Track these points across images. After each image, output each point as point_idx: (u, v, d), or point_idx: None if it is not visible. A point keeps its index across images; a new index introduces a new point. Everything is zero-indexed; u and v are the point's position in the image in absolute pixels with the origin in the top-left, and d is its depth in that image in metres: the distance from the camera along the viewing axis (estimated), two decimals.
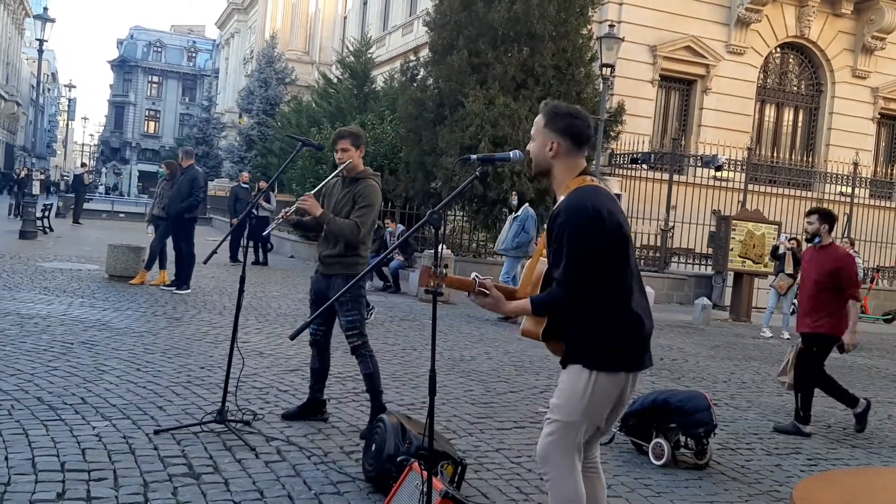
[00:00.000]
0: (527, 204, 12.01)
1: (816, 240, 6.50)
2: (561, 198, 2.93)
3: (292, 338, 3.24)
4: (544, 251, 3.04)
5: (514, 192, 12.41)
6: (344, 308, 4.98)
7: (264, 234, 9.02)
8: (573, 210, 2.81)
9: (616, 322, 2.87)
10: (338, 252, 5.04)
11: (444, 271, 2.90)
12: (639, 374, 3.00)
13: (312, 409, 5.29)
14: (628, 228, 2.93)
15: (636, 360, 2.94)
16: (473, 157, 3.16)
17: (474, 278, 2.93)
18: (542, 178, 3.04)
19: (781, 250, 13.17)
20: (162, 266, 11.77)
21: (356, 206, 5.00)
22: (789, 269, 12.90)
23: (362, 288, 5.13)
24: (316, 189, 5.19)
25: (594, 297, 2.84)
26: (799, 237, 13.81)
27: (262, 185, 18.28)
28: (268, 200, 16.78)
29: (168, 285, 11.44)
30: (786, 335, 12.75)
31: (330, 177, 5.25)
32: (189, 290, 11.21)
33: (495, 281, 3.02)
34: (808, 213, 6.63)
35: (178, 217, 11.21)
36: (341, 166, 5.04)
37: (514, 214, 11.99)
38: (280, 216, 5.00)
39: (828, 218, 6.54)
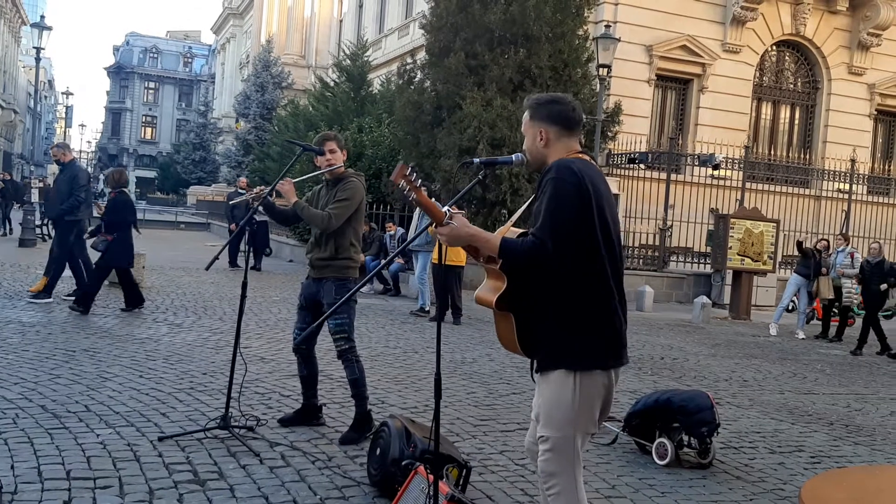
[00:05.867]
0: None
1: None
2: None
3: (299, 344, 3.22)
4: (514, 219, 3.03)
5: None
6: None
7: (231, 203, 8.99)
8: (561, 169, 2.77)
9: (591, 311, 2.79)
10: (328, 255, 5.01)
11: (420, 183, 2.81)
12: (620, 370, 2.92)
13: (308, 415, 5.29)
14: (613, 213, 2.86)
15: (617, 355, 2.86)
16: (476, 160, 3.15)
17: (447, 210, 2.84)
18: (540, 171, 3.00)
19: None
20: (47, 273, 10.27)
21: (334, 199, 4.99)
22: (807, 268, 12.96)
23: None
24: (298, 179, 5.20)
25: (566, 280, 2.76)
26: (827, 239, 13.94)
27: (242, 182, 18.10)
28: None
29: (68, 295, 10.20)
30: (800, 335, 12.76)
31: (313, 174, 5.25)
32: (50, 300, 9.87)
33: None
34: None
35: (59, 220, 10.21)
36: (328, 168, 5.03)
37: None
38: (255, 191, 5.00)
39: None
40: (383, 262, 12.27)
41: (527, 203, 3.01)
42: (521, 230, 2.91)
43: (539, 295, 2.82)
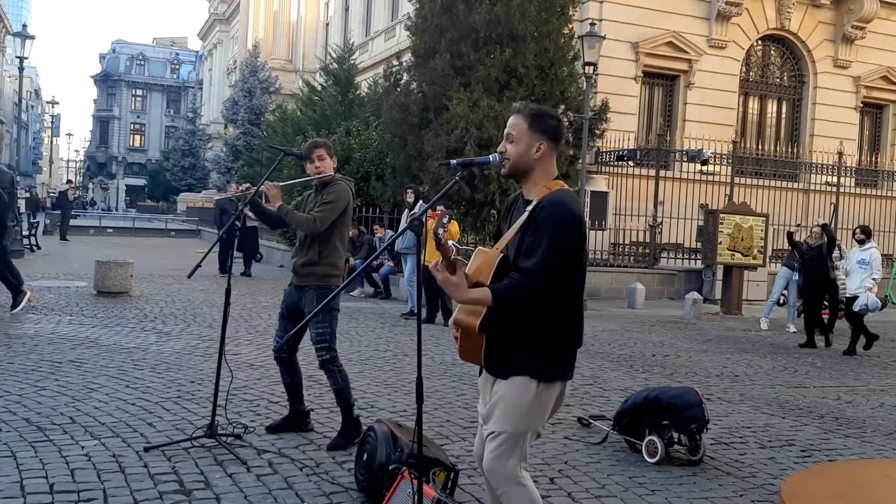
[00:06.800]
0: (421, 201, 11.86)
1: None
2: (534, 198, 2.94)
3: (278, 351, 3.21)
4: (501, 246, 3.02)
5: (409, 190, 12.06)
6: (314, 320, 4.76)
7: (216, 200, 8.76)
8: (559, 206, 2.85)
9: (563, 332, 2.93)
10: (309, 260, 4.94)
11: (442, 231, 2.84)
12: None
13: (296, 421, 5.25)
14: (587, 238, 3.05)
15: (572, 369, 3.03)
16: (454, 161, 3.14)
17: (452, 246, 2.86)
18: (517, 178, 3.05)
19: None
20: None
21: (320, 203, 4.94)
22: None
23: (336, 300, 5.00)
24: (286, 183, 5.17)
25: (547, 305, 2.86)
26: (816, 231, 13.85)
27: (232, 188, 18.13)
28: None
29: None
30: (791, 328, 12.75)
31: (301, 179, 5.23)
32: (26, 297, 9.73)
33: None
34: None
35: None
36: (317, 175, 4.98)
37: (412, 212, 11.58)
38: (242, 189, 4.95)
39: None
40: (364, 264, 12.23)
41: (511, 229, 2.99)
42: (501, 254, 2.93)
43: (517, 315, 2.88)
